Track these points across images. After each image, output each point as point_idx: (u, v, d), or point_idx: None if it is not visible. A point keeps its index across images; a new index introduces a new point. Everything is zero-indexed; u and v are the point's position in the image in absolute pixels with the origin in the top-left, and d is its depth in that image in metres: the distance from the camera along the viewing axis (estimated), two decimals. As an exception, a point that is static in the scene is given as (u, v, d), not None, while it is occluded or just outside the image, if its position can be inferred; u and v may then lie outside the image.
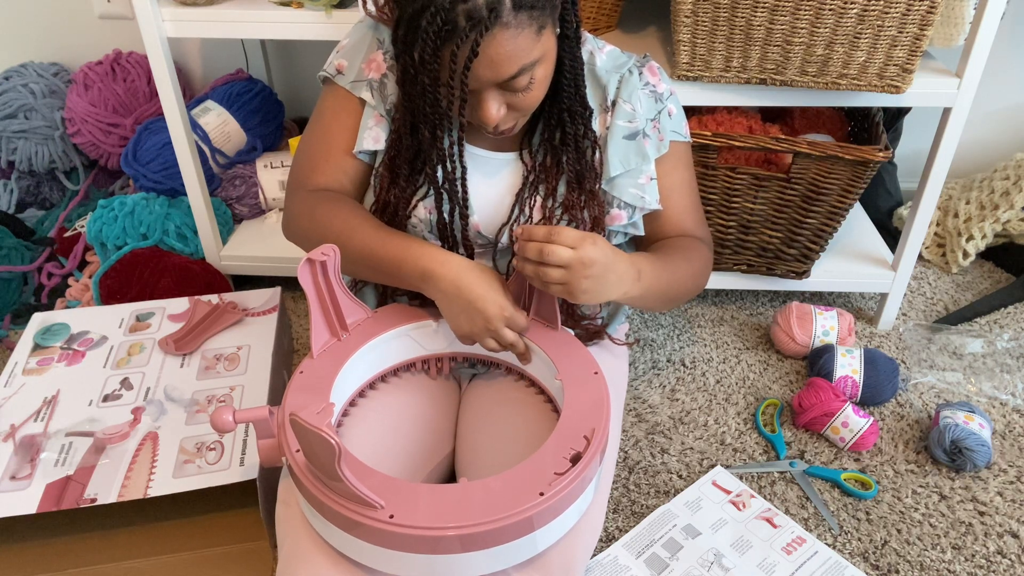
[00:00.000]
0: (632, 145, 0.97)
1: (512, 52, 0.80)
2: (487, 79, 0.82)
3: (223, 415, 0.79)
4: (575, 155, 0.95)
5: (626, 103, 0.97)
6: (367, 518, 0.71)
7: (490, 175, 0.98)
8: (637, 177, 0.98)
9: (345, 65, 0.98)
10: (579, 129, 0.95)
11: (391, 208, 0.96)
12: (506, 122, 0.89)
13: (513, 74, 0.82)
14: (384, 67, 0.96)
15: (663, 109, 1.00)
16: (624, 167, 0.98)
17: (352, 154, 0.98)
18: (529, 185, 0.97)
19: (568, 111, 0.93)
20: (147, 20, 1.26)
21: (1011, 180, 1.64)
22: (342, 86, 0.98)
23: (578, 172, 0.96)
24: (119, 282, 1.45)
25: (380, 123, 0.97)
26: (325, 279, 0.88)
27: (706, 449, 1.25)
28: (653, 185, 1.00)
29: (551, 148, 0.96)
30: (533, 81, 0.85)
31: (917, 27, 1.14)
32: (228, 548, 1.07)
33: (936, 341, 1.45)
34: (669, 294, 0.98)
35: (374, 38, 0.97)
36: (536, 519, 0.73)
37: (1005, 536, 1.10)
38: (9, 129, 1.72)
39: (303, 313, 1.57)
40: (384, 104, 0.97)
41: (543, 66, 0.85)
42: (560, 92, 0.92)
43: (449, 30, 0.77)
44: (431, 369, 1.02)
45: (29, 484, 1.00)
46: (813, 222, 1.38)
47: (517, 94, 0.85)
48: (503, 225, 0.97)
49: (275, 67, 1.90)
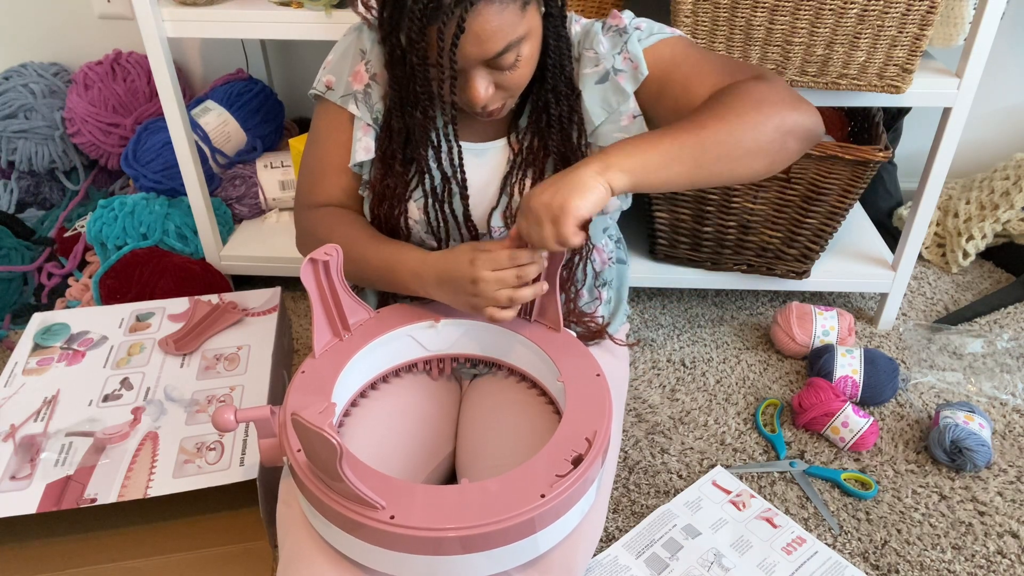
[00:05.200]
0: (606, 87, 0.95)
1: (498, 27, 0.80)
2: (474, 56, 0.82)
3: (224, 414, 0.79)
4: (559, 137, 0.95)
5: (588, 51, 0.95)
6: (368, 519, 0.71)
7: (479, 164, 0.98)
8: (619, 120, 0.96)
9: (333, 80, 0.99)
10: (563, 110, 0.94)
11: (387, 205, 0.97)
12: (494, 102, 0.89)
13: (500, 51, 0.82)
14: (366, 77, 0.97)
15: (629, 36, 0.94)
16: (606, 111, 0.95)
17: (348, 168, 1.00)
18: (516, 169, 0.96)
19: (553, 91, 0.93)
20: (147, 20, 1.26)
21: (1011, 180, 1.64)
22: (333, 101, 0.99)
23: (563, 154, 0.95)
24: (119, 282, 1.45)
25: (368, 133, 0.98)
26: (328, 279, 0.88)
27: (706, 449, 1.25)
28: (638, 122, 0.96)
29: (537, 130, 0.96)
30: (520, 59, 0.85)
31: (917, 27, 1.14)
32: (228, 548, 1.07)
33: (936, 341, 1.45)
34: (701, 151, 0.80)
35: (358, 50, 0.98)
36: (538, 521, 0.73)
37: (1005, 536, 1.10)
38: (9, 129, 1.72)
39: (303, 313, 1.57)
40: (370, 114, 0.97)
41: (529, 43, 0.85)
42: (545, 72, 0.92)
43: (435, 7, 0.77)
44: (433, 370, 1.02)
45: (29, 484, 1.00)
46: (813, 222, 1.38)
47: (504, 72, 0.85)
48: (492, 210, 0.97)
49: (275, 67, 1.90)
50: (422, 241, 0.99)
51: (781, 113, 0.82)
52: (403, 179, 0.96)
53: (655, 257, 1.52)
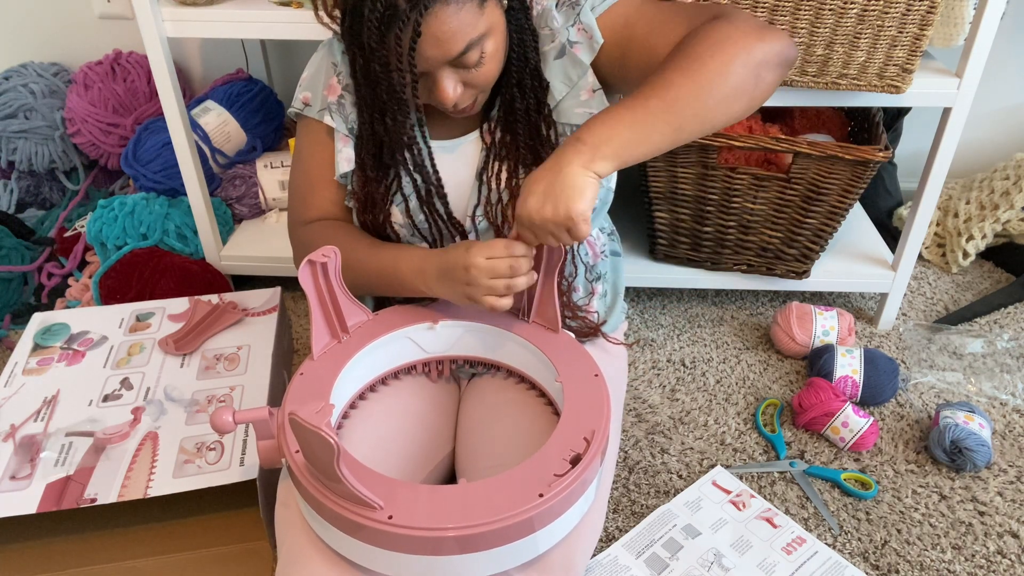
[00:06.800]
0: (564, 61, 0.94)
1: (456, 28, 0.80)
2: (436, 58, 0.82)
3: (223, 415, 0.79)
4: (527, 131, 0.94)
5: (544, 28, 0.95)
6: (366, 519, 0.71)
7: (452, 160, 0.98)
8: (579, 95, 0.95)
9: (310, 96, 1.00)
10: (530, 103, 0.94)
11: (371, 212, 0.97)
12: (464, 100, 0.89)
13: (461, 51, 0.82)
14: (339, 89, 0.97)
15: (581, 8, 0.92)
16: (567, 85, 0.94)
17: (335, 181, 1.00)
18: (490, 161, 0.96)
19: (519, 85, 0.93)
20: (147, 20, 1.26)
21: (1011, 180, 1.64)
22: (312, 117, 0.99)
23: (533, 147, 0.94)
24: (119, 282, 1.45)
25: (348, 143, 0.98)
26: (326, 280, 0.88)
27: (706, 449, 1.25)
28: (598, 96, 0.95)
29: (507, 123, 0.95)
30: (484, 56, 0.84)
31: (917, 27, 1.14)
32: (228, 548, 1.07)
33: (936, 341, 1.45)
34: (674, 112, 0.78)
35: (329, 63, 0.98)
36: (536, 520, 0.73)
37: (1005, 536, 1.10)
38: (9, 129, 1.72)
39: (303, 313, 1.57)
40: (346, 124, 0.98)
41: (493, 39, 0.85)
42: (509, 65, 0.92)
43: (391, 14, 0.77)
44: (431, 372, 1.02)
45: (29, 484, 1.00)
46: (813, 222, 1.38)
47: (471, 70, 0.85)
48: (475, 206, 0.97)
49: (275, 67, 1.90)
50: (417, 242, 0.99)
51: (746, 48, 0.79)
52: (382, 185, 0.96)
53: (655, 257, 1.52)
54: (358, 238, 0.98)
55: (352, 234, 0.98)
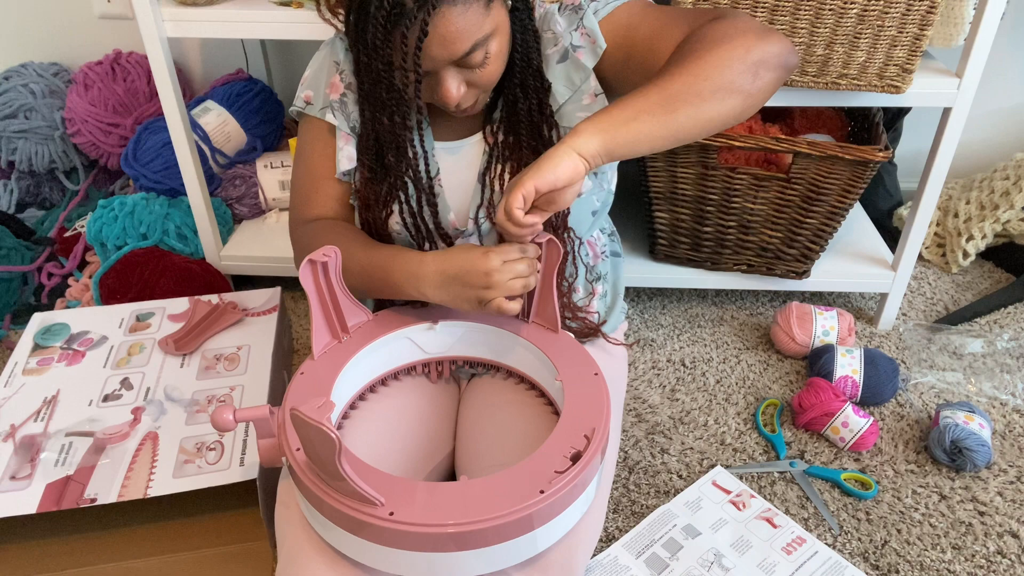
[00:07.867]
0: (567, 65, 0.95)
1: (463, 28, 0.80)
2: (441, 58, 0.82)
3: (223, 414, 0.79)
4: (530, 131, 0.94)
5: (547, 32, 0.95)
6: (367, 516, 0.71)
7: (455, 161, 0.98)
8: (581, 99, 0.96)
9: (311, 95, 1.00)
10: (532, 104, 0.94)
11: (372, 210, 0.97)
12: (467, 99, 0.89)
13: (467, 51, 0.82)
14: (342, 87, 0.97)
15: (584, 12, 0.93)
16: (569, 89, 0.95)
17: (336, 179, 1.00)
18: (493, 163, 0.96)
19: (521, 86, 0.93)
20: (147, 20, 1.26)
21: (1011, 180, 1.64)
22: (313, 115, 0.99)
23: (535, 148, 0.94)
24: (119, 282, 1.45)
25: (350, 142, 0.98)
26: (326, 280, 0.88)
27: (706, 449, 1.25)
28: (600, 101, 0.96)
29: (510, 124, 0.96)
30: (489, 56, 0.85)
31: (917, 27, 1.14)
32: (228, 548, 1.07)
33: (936, 341, 1.45)
34: (668, 98, 0.79)
35: (332, 61, 0.98)
36: (536, 517, 0.73)
37: (1005, 536, 1.10)
38: (9, 129, 1.72)
39: (303, 313, 1.57)
40: (348, 122, 0.98)
41: (497, 40, 0.85)
42: (512, 66, 0.92)
43: (397, 12, 0.77)
44: (431, 372, 1.02)
45: (29, 484, 1.00)
46: (813, 222, 1.38)
47: (475, 70, 0.85)
48: (478, 208, 0.97)
49: (275, 67, 1.90)
50: (410, 245, 0.99)
51: (745, 45, 0.80)
52: (383, 184, 0.96)
53: (655, 257, 1.52)
54: (354, 239, 0.97)
55: (349, 234, 0.98)
